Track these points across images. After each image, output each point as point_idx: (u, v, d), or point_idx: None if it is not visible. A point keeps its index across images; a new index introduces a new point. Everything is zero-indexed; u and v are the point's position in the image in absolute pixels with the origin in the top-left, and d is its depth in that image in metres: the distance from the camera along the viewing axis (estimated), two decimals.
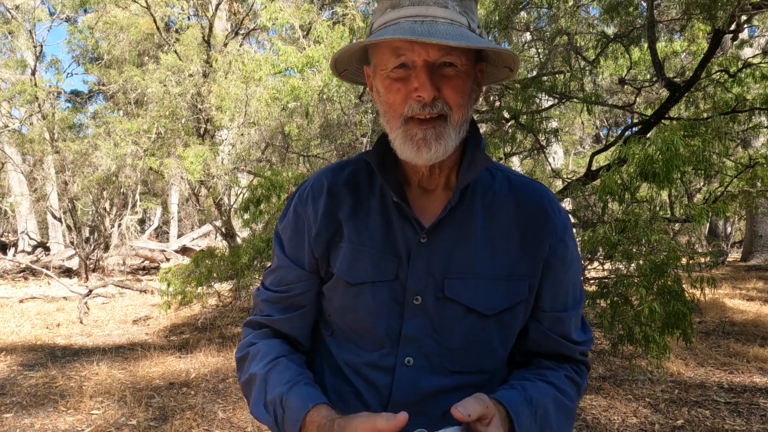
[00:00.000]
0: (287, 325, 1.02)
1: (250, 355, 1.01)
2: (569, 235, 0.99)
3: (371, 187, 0.99)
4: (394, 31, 0.82)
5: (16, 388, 3.79)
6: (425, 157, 0.88)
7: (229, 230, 6.98)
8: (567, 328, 0.99)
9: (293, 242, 1.01)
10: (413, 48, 0.84)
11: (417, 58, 0.84)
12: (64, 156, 10.28)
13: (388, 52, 0.86)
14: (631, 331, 3.11)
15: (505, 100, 4.76)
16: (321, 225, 0.97)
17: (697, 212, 3.20)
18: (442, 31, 0.81)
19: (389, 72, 0.87)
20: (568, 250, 0.98)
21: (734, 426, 3.01)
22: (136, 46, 10.88)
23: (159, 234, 20.74)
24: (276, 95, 5.81)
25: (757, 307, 6.31)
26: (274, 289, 1.03)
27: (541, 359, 1.01)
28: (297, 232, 1.01)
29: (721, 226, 12.86)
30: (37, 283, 10.13)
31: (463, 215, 0.95)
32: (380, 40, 0.83)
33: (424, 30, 0.81)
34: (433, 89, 0.84)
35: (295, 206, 1.02)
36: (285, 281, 1.01)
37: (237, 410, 3.36)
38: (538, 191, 0.99)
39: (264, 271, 1.08)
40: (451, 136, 0.88)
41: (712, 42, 4.21)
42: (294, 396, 0.90)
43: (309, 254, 0.99)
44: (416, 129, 0.87)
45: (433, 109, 0.86)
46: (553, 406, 0.92)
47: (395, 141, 0.90)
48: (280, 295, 1.02)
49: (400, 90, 0.87)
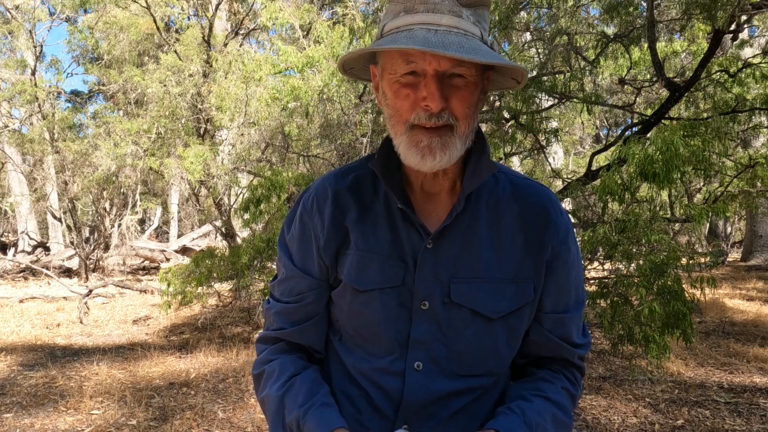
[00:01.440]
0: (302, 336, 1.02)
1: (266, 373, 1.01)
2: (571, 237, 1.00)
3: (375, 193, 0.99)
4: (408, 39, 0.82)
5: (16, 388, 3.79)
6: (429, 165, 0.88)
7: (229, 230, 6.98)
8: (568, 330, 1.00)
9: (301, 252, 1.01)
10: (425, 57, 0.83)
11: (428, 67, 0.84)
12: (64, 156, 10.28)
13: (398, 57, 0.86)
14: (631, 331, 3.11)
15: (505, 100, 4.77)
16: (329, 233, 0.97)
17: (697, 212, 3.20)
18: (455, 42, 0.81)
19: (398, 77, 0.87)
20: (570, 252, 0.99)
21: (734, 426, 3.01)
22: (136, 46, 10.87)
23: (159, 234, 20.74)
24: (276, 95, 5.81)
25: (757, 307, 6.31)
26: (286, 299, 1.02)
27: (537, 369, 1.02)
28: (304, 241, 1.00)
29: (721, 226, 12.87)
30: (37, 283, 10.13)
31: (468, 219, 0.95)
32: (394, 48, 0.83)
33: (438, 41, 0.80)
34: (441, 100, 0.84)
35: (301, 215, 1.01)
36: (296, 290, 1.01)
37: (237, 410, 3.37)
38: (541, 194, 1.00)
39: (270, 283, 1.07)
40: (457, 146, 0.88)
41: (712, 42, 4.21)
42: (311, 420, 0.90)
43: (319, 263, 0.99)
44: (422, 136, 0.87)
45: (440, 119, 0.86)
46: (552, 425, 0.94)
47: (399, 146, 0.90)
48: (293, 305, 1.01)
49: (409, 96, 0.87)
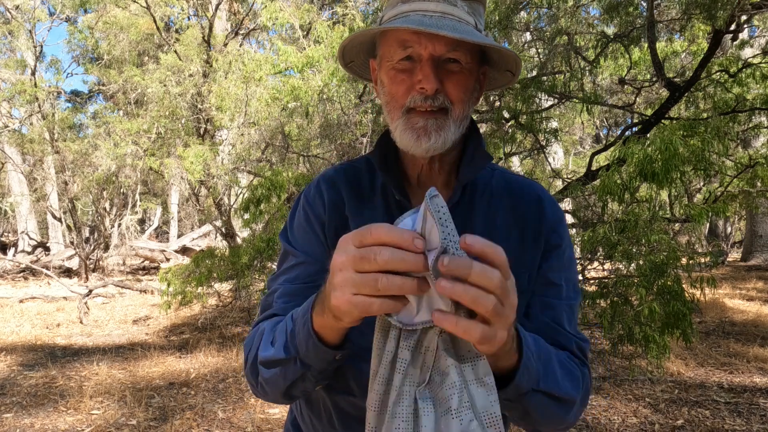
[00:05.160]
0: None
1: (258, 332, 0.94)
2: (563, 227, 0.99)
3: (373, 186, 1.00)
4: (404, 22, 0.85)
5: (16, 388, 3.79)
6: (424, 147, 0.88)
7: (229, 230, 6.98)
8: (558, 315, 0.95)
9: (306, 240, 0.99)
10: (420, 41, 0.86)
11: (423, 51, 0.86)
12: (64, 156, 10.28)
13: (395, 43, 0.88)
14: (631, 331, 3.11)
15: (505, 100, 4.76)
16: (330, 216, 0.98)
17: (697, 212, 3.20)
18: (449, 26, 0.84)
19: (395, 63, 0.89)
20: (563, 241, 0.98)
21: (734, 426, 3.01)
22: (136, 46, 10.89)
23: (159, 234, 20.74)
24: (276, 95, 5.81)
25: (757, 307, 6.31)
26: (294, 284, 0.95)
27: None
28: (309, 230, 0.99)
29: (721, 226, 12.87)
30: (37, 283, 10.12)
31: (464, 211, 0.96)
32: (389, 28, 0.86)
33: (433, 23, 0.83)
34: (436, 81, 0.86)
35: (303, 207, 1.01)
36: (306, 274, 0.96)
37: (237, 410, 3.36)
38: (533, 186, 1.01)
39: (273, 275, 1.02)
40: (451, 129, 0.89)
41: (712, 42, 4.21)
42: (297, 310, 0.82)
43: (324, 250, 0.97)
44: (417, 118, 0.88)
45: (435, 102, 0.87)
46: (557, 361, 0.85)
47: (396, 131, 0.91)
48: (301, 286, 0.95)
49: (404, 81, 0.88)
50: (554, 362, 0.83)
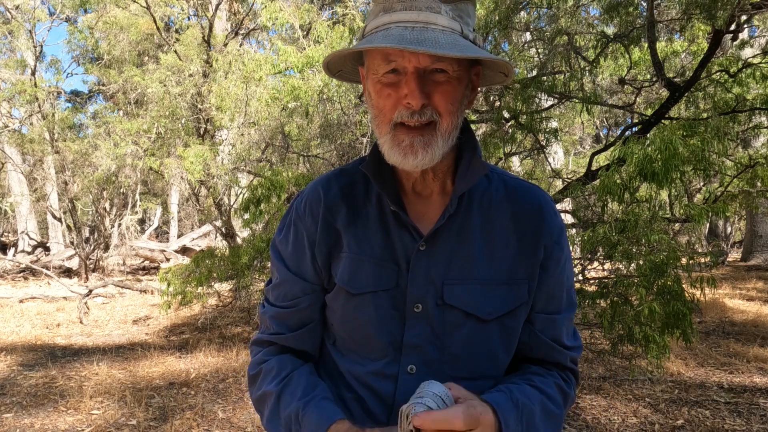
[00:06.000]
0: (296, 342, 1.02)
1: (264, 371, 1.01)
2: (564, 238, 0.99)
3: (367, 195, 0.99)
4: (384, 38, 0.82)
5: (16, 388, 3.79)
6: (411, 164, 0.88)
7: (229, 230, 6.98)
8: (559, 331, 0.99)
9: (294, 256, 1.00)
10: (404, 54, 0.83)
11: (407, 65, 0.84)
12: (64, 156, 10.28)
13: (379, 57, 0.86)
14: (631, 331, 3.11)
15: (505, 100, 4.76)
16: (321, 235, 0.97)
17: (697, 212, 3.20)
18: (431, 38, 0.81)
19: (380, 77, 0.87)
20: (563, 252, 0.98)
21: (734, 426, 3.01)
22: (136, 46, 10.89)
23: (159, 234, 20.74)
24: (276, 95, 5.81)
25: (757, 307, 6.31)
26: (280, 304, 1.02)
27: (530, 365, 1.01)
28: (297, 245, 1.00)
29: (721, 226, 12.87)
30: (37, 283, 10.13)
31: (461, 221, 0.95)
32: (368, 47, 0.84)
33: (414, 37, 0.80)
34: (422, 97, 0.84)
35: (294, 221, 1.01)
36: (290, 295, 1.00)
37: (237, 410, 3.37)
38: (535, 194, 0.99)
39: (265, 287, 1.07)
40: (439, 144, 0.87)
41: (712, 42, 4.21)
42: (311, 412, 0.89)
43: (312, 266, 0.99)
44: (404, 135, 0.87)
45: (422, 116, 0.85)
46: (540, 411, 0.92)
47: (384, 146, 0.90)
48: (288, 310, 1.00)
49: (391, 95, 0.87)
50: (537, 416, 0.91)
